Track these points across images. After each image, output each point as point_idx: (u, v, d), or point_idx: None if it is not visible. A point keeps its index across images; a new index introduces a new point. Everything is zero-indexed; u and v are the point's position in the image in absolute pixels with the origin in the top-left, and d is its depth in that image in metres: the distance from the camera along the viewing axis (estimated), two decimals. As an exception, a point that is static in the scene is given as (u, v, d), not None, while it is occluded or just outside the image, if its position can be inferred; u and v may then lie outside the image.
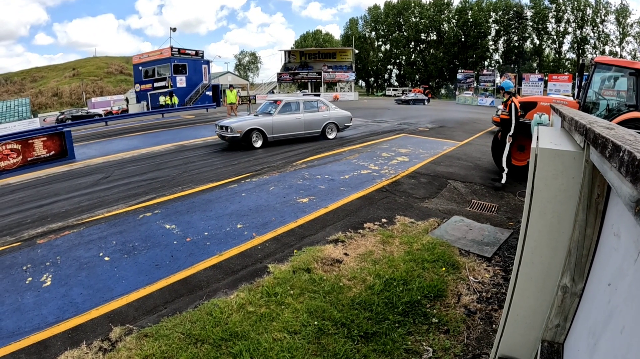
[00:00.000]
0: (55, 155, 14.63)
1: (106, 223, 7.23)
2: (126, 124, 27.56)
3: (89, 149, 16.27)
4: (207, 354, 3.49)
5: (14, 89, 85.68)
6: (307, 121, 14.93)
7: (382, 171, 9.82)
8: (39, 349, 3.86)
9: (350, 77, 65.32)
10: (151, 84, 49.22)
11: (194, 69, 50.40)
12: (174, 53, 48.55)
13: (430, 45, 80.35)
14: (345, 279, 4.64)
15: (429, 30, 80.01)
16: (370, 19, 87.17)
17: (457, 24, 76.04)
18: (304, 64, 68.81)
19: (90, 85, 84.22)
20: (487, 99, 47.55)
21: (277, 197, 8.04)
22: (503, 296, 4.19)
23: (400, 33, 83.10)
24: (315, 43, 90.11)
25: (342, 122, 15.91)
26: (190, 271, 5.17)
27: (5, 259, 6.05)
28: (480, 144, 13.60)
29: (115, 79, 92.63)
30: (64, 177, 11.44)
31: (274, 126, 14.16)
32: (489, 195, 7.94)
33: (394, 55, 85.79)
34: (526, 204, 2.35)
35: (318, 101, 15.75)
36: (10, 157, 13.96)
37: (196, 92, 49.27)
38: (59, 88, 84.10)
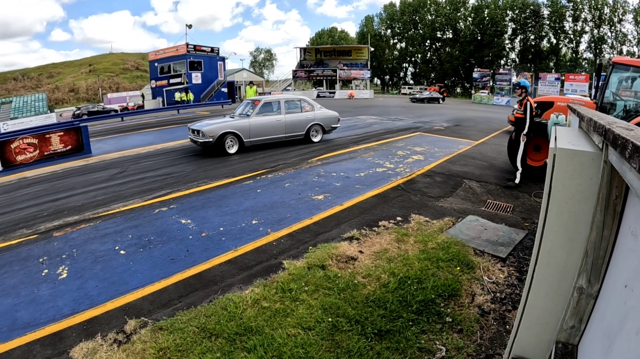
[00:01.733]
0: (72, 150, 14.78)
1: (122, 217, 7.31)
2: (142, 120, 27.72)
3: (104, 144, 16.41)
4: (222, 349, 3.52)
5: (31, 84, 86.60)
6: (290, 122, 13.75)
7: (398, 169, 9.81)
8: (53, 340, 3.92)
9: (365, 75, 65.06)
10: (167, 80, 49.50)
11: (209, 65, 50.56)
12: (190, 50, 48.75)
13: (446, 43, 79.72)
14: (360, 276, 4.66)
15: (444, 28, 79.41)
16: (385, 16, 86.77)
17: (473, 22, 75.34)
18: (319, 61, 68.69)
19: (107, 81, 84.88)
20: (503, 99, 46.99)
21: (292, 194, 8.06)
22: (517, 297, 4.19)
23: (416, 31, 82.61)
24: (330, 40, 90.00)
25: (328, 123, 14.80)
26: (205, 266, 5.21)
27: (21, 251, 6.14)
28: (496, 144, 13.53)
29: (131, 75, 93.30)
30: (80, 171, 11.55)
31: (251, 129, 12.93)
32: (504, 195, 7.89)
33: (409, 54, 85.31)
34: (543, 205, 2.34)
35: (301, 100, 14.61)
36: (27, 152, 14.13)
37: (212, 88, 49.44)
38: (75, 84, 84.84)
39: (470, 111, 31.09)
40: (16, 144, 14.06)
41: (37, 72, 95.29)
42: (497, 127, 18.67)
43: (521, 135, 8.22)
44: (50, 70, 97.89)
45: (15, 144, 14.05)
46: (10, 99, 54.16)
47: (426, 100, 46.65)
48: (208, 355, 3.44)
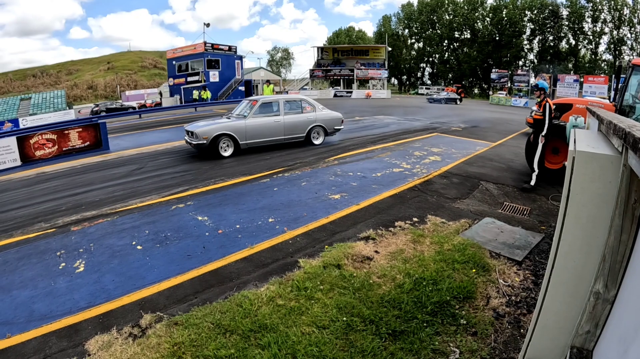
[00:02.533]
0: (90, 146, 14.94)
1: (139, 213, 7.38)
2: (159, 117, 27.95)
3: (122, 141, 16.57)
4: (236, 345, 3.55)
5: (50, 81, 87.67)
6: (289, 124, 13.05)
7: (414, 169, 9.77)
8: (69, 332, 3.97)
9: (383, 75, 64.82)
10: (184, 78, 49.87)
11: (227, 64, 50.83)
12: (208, 48, 49.04)
13: (463, 43, 79.10)
14: (375, 276, 4.66)
15: (462, 28, 78.78)
16: (403, 16, 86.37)
17: (491, 22, 74.59)
18: (337, 60, 68.60)
19: (125, 79, 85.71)
20: (521, 100, 46.42)
21: (309, 193, 8.09)
22: (532, 301, 4.16)
23: (433, 31, 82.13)
24: (348, 40, 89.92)
25: (330, 124, 14.10)
26: (221, 263, 5.25)
27: (39, 244, 6.24)
28: (514, 146, 13.42)
29: (149, 73, 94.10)
30: (98, 167, 11.67)
31: (247, 131, 12.25)
32: (521, 198, 7.84)
33: (427, 54, 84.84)
34: (562, 208, 2.33)
35: (302, 100, 13.89)
36: (46, 147, 14.30)
37: (229, 87, 49.70)
38: (93, 81, 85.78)
39: (487, 112, 30.85)
40: (35, 140, 14.24)
41: (56, 69, 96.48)
42: (515, 129, 18.51)
43: (539, 137, 8.14)
44: (69, 67, 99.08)
45: (34, 139, 14.23)
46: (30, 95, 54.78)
47: (443, 101, 46.24)
48: (222, 351, 3.46)
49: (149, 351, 3.55)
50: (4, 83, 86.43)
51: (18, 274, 5.27)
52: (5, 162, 13.59)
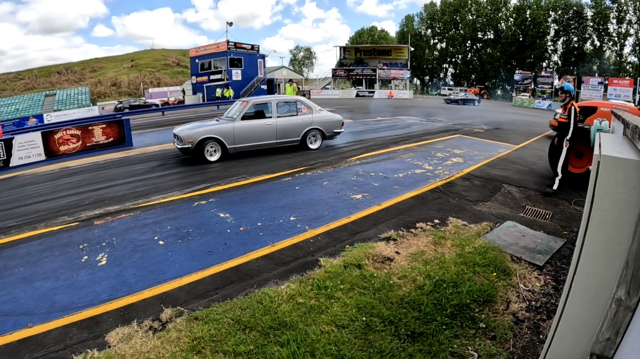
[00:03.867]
0: (114, 142, 15.14)
1: (161, 209, 7.46)
2: (182, 115, 28.19)
3: (145, 137, 16.75)
4: (255, 341, 3.57)
5: (74, 78, 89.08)
6: (282, 127, 12.18)
7: (437, 171, 9.71)
8: (90, 324, 4.04)
9: (405, 75, 64.64)
10: (207, 76, 50.42)
11: (249, 62, 51.24)
12: (230, 47, 49.50)
13: (487, 44, 78.50)
14: (396, 277, 4.66)
15: (485, 28, 78.19)
16: (426, 16, 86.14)
17: (514, 23, 73.93)
18: (359, 60, 68.60)
19: (148, 76, 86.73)
20: (545, 102, 45.80)
21: (331, 192, 8.08)
22: (552, 306, 4.12)
23: (456, 31, 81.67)
24: (370, 39, 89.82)
25: (329, 127, 13.10)
26: (242, 260, 5.28)
27: (62, 237, 6.35)
28: (537, 149, 13.26)
29: (172, 71, 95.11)
30: (121, 163, 11.81)
31: (235, 134, 11.49)
32: (543, 202, 7.74)
33: (449, 54, 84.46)
34: (585, 213, 2.30)
35: (298, 101, 12.93)
36: (70, 142, 14.52)
37: (251, 85, 50.07)
38: (117, 78, 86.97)
39: (510, 114, 30.53)
40: (60, 135, 14.47)
41: (81, 67, 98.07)
42: (538, 132, 18.30)
43: (564, 141, 8.03)
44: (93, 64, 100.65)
45: (58, 135, 14.46)
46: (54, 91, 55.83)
47: (460, 101, 45.81)
48: (242, 347, 3.49)
49: (169, 344, 3.59)
50: (29, 79, 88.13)
51: (40, 266, 5.38)
52: (30, 157, 13.84)
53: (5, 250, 6.04)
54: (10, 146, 13.46)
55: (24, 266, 5.43)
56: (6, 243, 6.31)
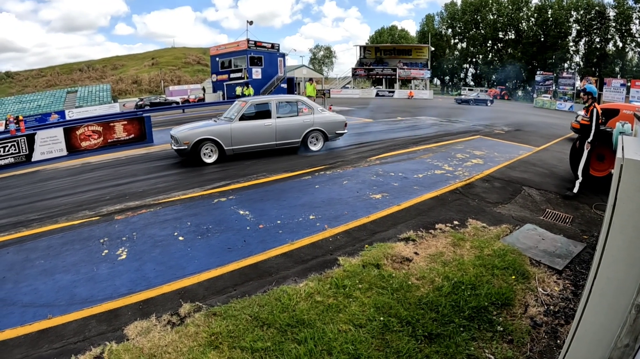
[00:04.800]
0: (135, 138, 15.32)
1: (181, 205, 7.55)
2: (202, 112, 28.32)
3: (166, 135, 16.76)
4: (273, 338, 3.60)
5: (96, 75, 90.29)
6: (282, 128, 11.78)
7: (456, 172, 9.67)
8: (109, 317, 4.11)
9: (425, 75, 64.37)
10: (227, 74, 50.74)
11: (269, 61, 51.47)
12: (251, 45, 49.76)
13: (508, 44, 77.47)
14: (414, 278, 4.65)
15: (507, 28, 77.09)
16: (446, 15, 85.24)
17: (536, 23, 72.72)
18: (379, 59, 68.48)
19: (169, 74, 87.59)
20: (566, 104, 44.90)
21: (350, 192, 8.08)
22: (571, 311, 4.08)
23: (477, 31, 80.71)
24: (390, 39, 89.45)
25: (331, 129, 12.68)
26: (261, 257, 5.31)
27: (83, 231, 6.46)
28: (557, 151, 13.12)
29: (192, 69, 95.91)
30: (142, 159, 11.94)
31: (233, 136, 11.14)
32: (563, 205, 7.66)
33: (470, 54, 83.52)
34: (607, 216, 2.28)
35: (298, 101, 12.52)
36: (92, 138, 14.72)
37: (271, 84, 50.28)
38: (138, 76, 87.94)
39: (531, 115, 30.17)
40: (81, 131, 14.68)
41: (102, 64, 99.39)
42: (560, 134, 18.10)
43: (585, 143, 7.92)
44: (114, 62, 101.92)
45: (80, 130, 14.67)
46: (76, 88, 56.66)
47: (472, 101, 44.80)
48: (259, 343, 3.52)
49: (187, 339, 3.64)
50: (51, 76, 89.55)
51: (61, 259, 5.48)
52: (52, 152, 14.07)
53: (27, 243, 6.16)
54: (33, 141, 13.69)
55: (45, 258, 5.54)
56: (28, 236, 6.44)
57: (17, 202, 8.51)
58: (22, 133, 14.61)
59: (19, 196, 9.09)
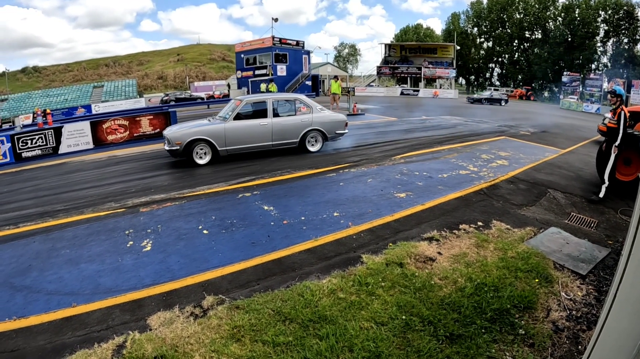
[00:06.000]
0: (160, 132, 15.49)
1: (206, 199, 7.66)
2: (227, 108, 28.50)
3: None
4: (295, 333, 3.63)
5: (122, 70, 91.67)
6: (278, 128, 11.40)
7: (481, 173, 9.59)
8: (133, 307, 4.19)
9: (450, 74, 63.86)
10: (252, 71, 51.13)
11: (294, 58, 51.73)
12: (276, 42, 50.07)
13: (534, 44, 76.04)
14: (437, 278, 4.65)
15: (533, 27, 75.71)
16: (472, 14, 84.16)
17: (563, 22, 71.30)
18: (404, 58, 68.14)
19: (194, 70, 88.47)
20: (593, 106, 43.84)
21: (375, 190, 8.08)
22: (593, 317, 4.04)
23: (503, 30, 79.41)
24: (415, 37, 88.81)
25: (331, 128, 12.29)
26: (284, 252, 5.35)
27: (109, 222, 6.60)
28: (584, 154, 12.94)
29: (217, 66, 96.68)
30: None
31: (227, 136, 10.75)
32: (588, 209, 7.55)
33: (496, 53, 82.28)
34: (633, 222, 2.26)
35: (296, 100, 12.10)
36: (118, 132, 14.97)
37: (296, 81, 50.55)
38: (163, 72, 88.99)
39: (557, 117, 29.68)
40: (108, 125, 14.94)
41: (128, 60, 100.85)
42: (586, 136, 17.82)
43: (612, 147, 7.80)
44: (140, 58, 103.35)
45: (107, 124, 14.94)
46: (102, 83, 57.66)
47: (484, 101, 43.97)
48: (281, 338, 3.55)
49: (209, 331, 3.69)
50: (78, 71, 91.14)
51: (87, 249, 5.61)
52: (79, 145, 14.35)
53: (53, 232, 6.32)
54: (60, 134, 13.98)
55: (71, 248, 5.68)
56: (54, 226, 6.61)
57: (43, 193, 8.72)
58: (49, 126, 14.93)
59: (46, 187, 9.30)
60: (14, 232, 6.49)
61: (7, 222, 6.95)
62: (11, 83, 70.90)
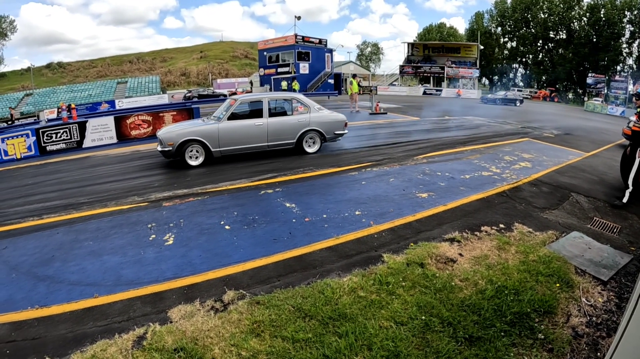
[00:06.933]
0: (184, 128, 15.69)
1: (228, 195, 7.74)
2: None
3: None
4: (314, 330, 3.67)
5: (145, 67, 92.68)
6: (274, 128, 11.02)
7: (504, 174, 9.49)
8: (154, 299, 4.27)
9: (474, 74, 63.33)
10: (275, 69, 51.42)
11: (317, 56, 51.89)
12: (298, 40, 50.28)
13: (559, 44, 74.55)
14: (458, 279, 4.65)
15: (558, 28, 74.07)
16: (496, 13, 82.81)
17: (588, 23, 69.70)
18: (427, 57, 67.74)
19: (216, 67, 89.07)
20: (618, 109, 42.82)
21: (397, 189, 8.06)
22: (613, 324, 4.00)
23: (527, 30, 77.88)
24: (438, 36, 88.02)
25: (329, 129, 11.87)
26: (306, 250, 5.39)
27: (131, 216, 6.72)
28: (608, 157, 12.76)
29: (240, 63, 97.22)
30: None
31: (220, 136, 10.42)
32: (612, 214, 7.44)
33: (520, 54, 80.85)
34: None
35: (293, 99, 11.77)
36: (142, 127, 15.16)
37: (318, 79, 50.69)
38: (186, 68, 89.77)
39: (582, 119, 29.28)
40: (132, 120, 15.15)
41: (151, 57, 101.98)
42: (610, 140, 17.54)
43: (637, 151, 7.67)
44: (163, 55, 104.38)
45: (130, 120, 15.15)
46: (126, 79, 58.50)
47: (499, 101, 43.08)
48: (300, 334, 3.59)
49: (229, 325, 3.74)
50: (102, 67, 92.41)
51: (109, 241, 5.73)
52: (103, 139, 14.60)
53: (76, 224, 6.46)
54: (84, 129, 14.24)
55: (94, 240, 5.81)
56: (77, 218, 6.76)
57: (67, 186, 8.89)
58: (74, 120, 15.17)
59: (70, 180, 9.48)
60: (38, 224, 6.65)
61: (31, 214, 7.13)
62: (36, 78, 72.01)
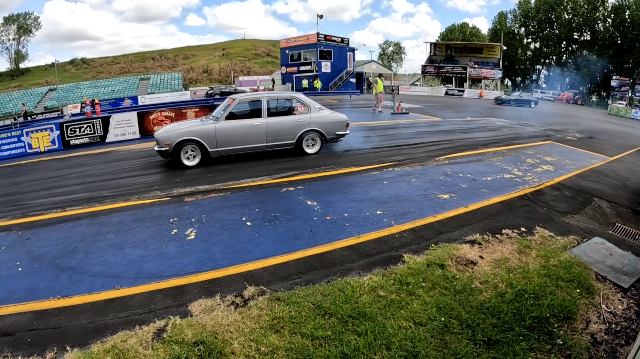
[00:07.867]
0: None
1: (250, 192, 7.81)
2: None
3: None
4: (333, 328, 3.71)
5: (167, 64, 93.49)
6: (273, 128, 10.70)
7: (526, 177, 9.40)
8: (175, 292, 4.35)
9: (496, 75, 62.53)
10: (297, 67, 51.57)
11: (339, 55, 51.91)
12: (320, 39, 50.33)
13: (582, 45, 72.90)
14: (478, 281, 4.65)
15: (582, 29, 72.32)
16: (520, 13, 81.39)
17: (612, 24, 67.98)
18: (449, 57, 67.13)
19: (238, 65, 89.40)
20: None
21: (418, 190, 8.05)
22: (633, 333, 3.99)
23: (551, 30, 76.31)
24: (461, 36, 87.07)
25: (330, 129, 11.51)
26: (327, 248, 5.43)
27: (154, 210, 6.84)
28: (631, 162, 12.63)
29: (261, 61, 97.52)
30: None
31: (218, 136, 10.16)
32: (634, 220, 7.37)
33: (543, 55, 79.37)
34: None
35: (293, 98, 11.44)
36: (164, 123, 15.33)
37: (340, 78, 50.68)
38: (208, 66, 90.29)
39: (605, 122, 28.84)
40: (154, 116, 15.36)
41: (174, 54, 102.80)
42: (634, 144, 17.30)
43: None
44: (185, 52, 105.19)
45: (153, 115, 15.37)
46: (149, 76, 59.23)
47: (513, 102, 41.94)
48: (320, 331, 3.64)
49: (249, 320, 3.80)
50: (125, 64, 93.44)
51: (132, 235, 5.84)
52: (125, 135, 14.84)
53: (99, 217, 6.60)
54: (108, 124, 14.50)
55: (116, 233, 5.93)
56: (100, 211, 6.90)
57: (91, 179, 9.06)
58: (97, 115, 15.43)
59: (93, 174, 9.66)
60: (62, 216, 6.80)
61: (54, 206, 7.30)
62: (60, 74, 72.94)
